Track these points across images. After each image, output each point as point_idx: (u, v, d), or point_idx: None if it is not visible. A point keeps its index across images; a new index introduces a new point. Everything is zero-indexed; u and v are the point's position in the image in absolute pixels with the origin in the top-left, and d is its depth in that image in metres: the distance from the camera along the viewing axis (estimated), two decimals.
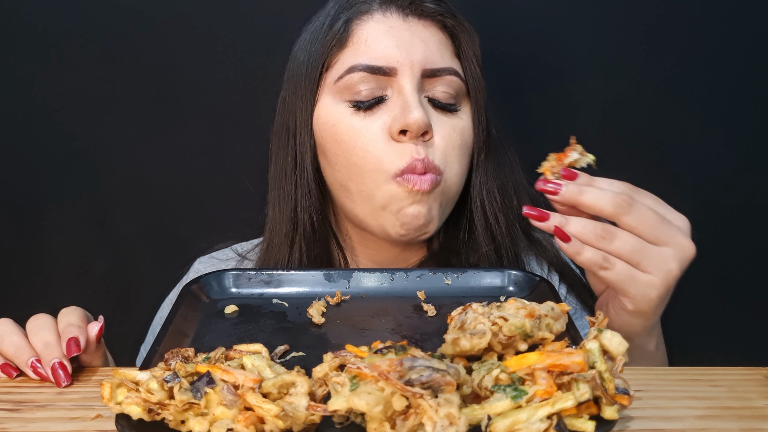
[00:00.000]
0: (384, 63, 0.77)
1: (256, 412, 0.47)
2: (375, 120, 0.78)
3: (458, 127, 0.80)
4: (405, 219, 0.78)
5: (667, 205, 0.66)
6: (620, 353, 0.51)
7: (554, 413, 0.46)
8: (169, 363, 0.53)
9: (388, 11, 0.80)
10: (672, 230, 0.64)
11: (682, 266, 0.64)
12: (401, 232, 0.79)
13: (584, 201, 0.63)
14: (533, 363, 0.49)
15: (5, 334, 0.61)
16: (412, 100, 0.76)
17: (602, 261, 0.63)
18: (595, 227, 0.63)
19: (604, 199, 0.63)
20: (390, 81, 0.78)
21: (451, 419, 0.43)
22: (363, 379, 0.45)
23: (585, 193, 0.63)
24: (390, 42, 0.78)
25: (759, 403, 0.57)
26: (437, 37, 0.80)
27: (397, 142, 0.77)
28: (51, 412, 0.55)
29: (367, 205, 0.79)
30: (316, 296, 0.70)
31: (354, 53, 0.78)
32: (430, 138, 0.78)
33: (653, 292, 0.64)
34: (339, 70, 0.79)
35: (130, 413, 0.48)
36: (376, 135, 0.77)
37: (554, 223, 0.64)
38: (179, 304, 0.66)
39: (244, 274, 0.72)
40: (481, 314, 0.54)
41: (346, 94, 0.78)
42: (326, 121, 0.80)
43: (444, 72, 0.79)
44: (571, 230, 0.63)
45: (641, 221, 0.63)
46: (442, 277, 0.72)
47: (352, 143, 0.78)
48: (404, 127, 0.75)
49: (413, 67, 0.77)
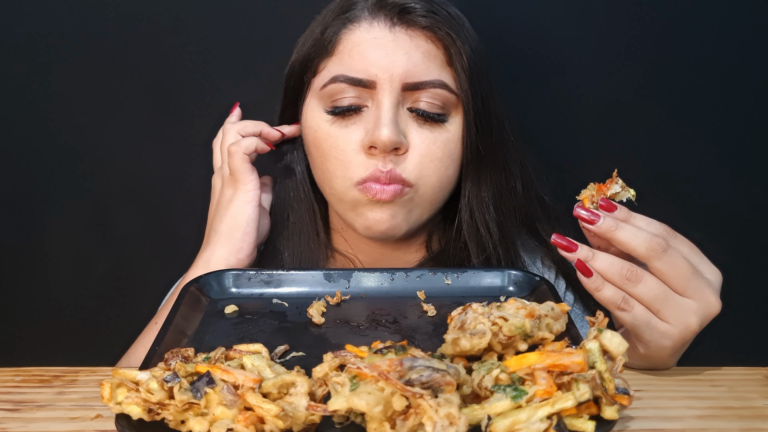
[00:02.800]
0: (364, 75, 0.78)
1: (256, 412, 0.47)
2: (351, 132, 0.79)
3: (440, 139, 0.80)
4: (368, 223, 0.80)
5: (703, 256, 0.64)
6: (620, 353, 0.51)
7: (554, 413, 0.46)
8: (169, 363, 0.53)
9: (375, 21, 0.79)
10: (702, 284, 0.62)
11: (703, 322, 0.62)
12: (367, 233, 0.82)
13: (618, 237, 0.62)
14: (533, 363, 0.49)
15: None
16: (385, 117, 0.77)
17: (621, 302, 0.62)
18: (622, 267, 0.61)
19: (639, 239, 0.61)
20: (370, 93, 0.79)
21: (451, 419, 0.43)
22: (363, 379, 0.45)
23: (621, 229, 0.62)
24: (372, 54, 0.78)
25: (759, 403, 0.57)
26: (423, 48, 0.79)
27: (368, 155, 0.78)
28: (51, 412, 0.55)
29: (340, 206, 0.83)
30: (316, 296, 0.70)
31: (339, 63, 0.79)
32: (404, 152, 0.78)
33: (668, 342, 0.62)
34: (324, 78, 0.80)
35: (130, 413, 0.48)
36: (349, 146, 0.79)
37: (579, 256, 0.62)
38: (179, 304, 0.66)
39: (243, 274, 0.72)
40: (481, 314, 0.54)
41: (328, 102, 0.80)
42: (310, 126, 0.83)
43: (428, 85, 0.78)
44: (596, 266, 0.62)
45: (672, 269, 0.61)
46: (442, 277, 0.72)
47: (328, 150, 0.80)
48: (372, 143, 0.77)
49: (392, 81, 0.77)
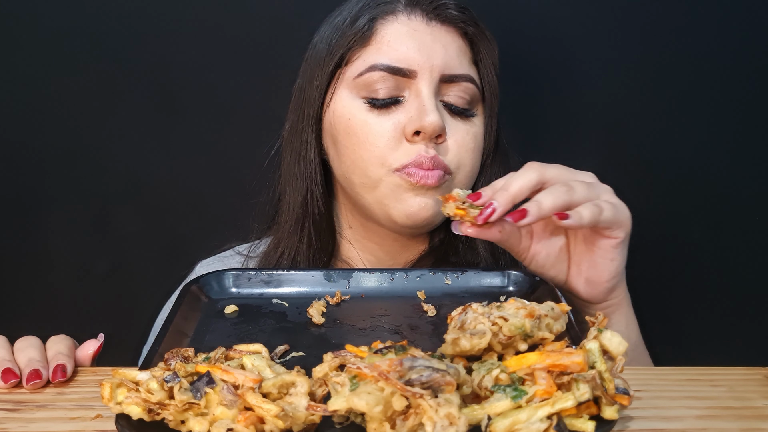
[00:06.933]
0: (405, 65, 0.78)
1: (256, 412, 0.47)
2: (389, 119, 0.79)
3: (471, 132, 0.82)
4: (410, 210, 0.79)
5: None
6: (620, 353, 0.51)
7: (554, 413, 0.46)
8: (169, 363, 0.53)
9: (412, 14, 0.81)
10: (569, 168, 0.68)
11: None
12: (407, 222, 0.80)
13: (515, 191, 0.64)
14: (533, 363, 0.49)
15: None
16: (429, 104, 0.77)
17: (596, 208, 0.64)
18: (557, 188, 0.64)
19: (525, 176, 0.65)
20: (408, 83, 0.79)
21: (451, 419, 0.43)
22: (363, 379, 0.45)
23: (509, 187, 0.64)
24: (412, 44, 0.79)
25: (759, 403, 0.57)
26: (457, 43, 0.82)
27: (410, 143, 0.78)
28: (51, 412, 0.55)
29: (373, 195, 0.81)
30: (316, 296, 0.70)
31: (376, 52, 0.80)
32: (443, 141, 0.79)
33: (625, 210, 0.67)
34: (359, 67, 0.80)
35: (130, 413, 0.48)
36: (387, 132, 0.79)
37: (534, 210, 0.63)
38: (179, 304, 0.66)
39: (243, 274, 0.72)
40: (481, 314, 0.54)
41: (364, 91, 0.80)
42: (341, 114, 0.81)
43: (461, 78, 0.80)
44: (548, 203, 0.63)
45: (557, 168, 0.66)
46: (442, 277, 0.72)
47: (364, 137, 0.79)
48: (419, 128, 0.77)
49: (432, 71, 0.79)
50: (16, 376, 0.58)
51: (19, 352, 0.60)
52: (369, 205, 0.82)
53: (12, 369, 0.58)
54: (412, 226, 0.81)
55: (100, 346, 0.64)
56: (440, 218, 0.81)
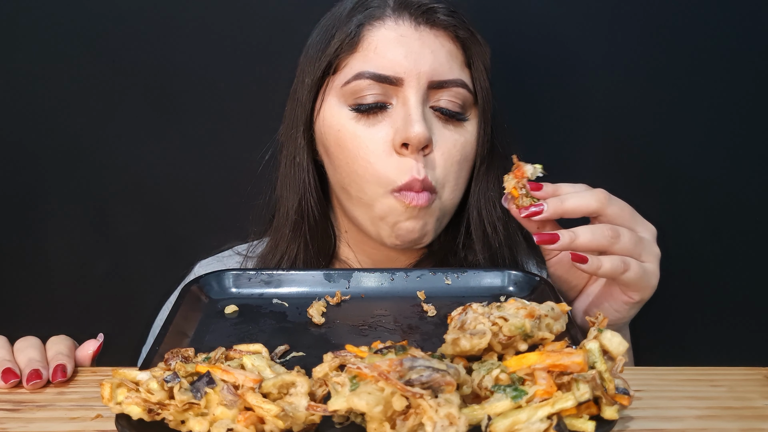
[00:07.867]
0: (391, 72, 0.77)
1: (256, 412, 0.47)
2: (378, 131, 0.78)
3: (459, 142, 0.80)
4: (400, 232, 0.79)
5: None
6: (620, 353, 0.51)
7: (554, 413, 0.46)
8: (169, 363, 0.53)
9: (400, 19, 0.79)
10: (635, 212, 0.65)
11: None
12: (396, 242, 0.80)
13: (569, 207, 0.64)
14: (533, 363, 0.49)
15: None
16: (415, 113, 0.76)
17: (622, 265, 0.63)
18: (603, 229, 0.63)
19: (585, 198, 0.64)
20: (396, 90, 0.78)
21: (451, 419, 0.43)
22: (363, 379, 0.45)
23: (566, 200, 0.64)
24: (399, 51, 0.78)
25: (759, 403, 0.57)
26: (447, 47, 0.80)
27: (399, 155, 0.77)
28: (51, 412, 0.55)
29: (366, 212, 0.81)
30: (316, 296, 0.70)
31: (363, 59, 0.79)
32: (430, 152, 0.78)
33: (654, 279, 0.65)
34: (347, 75, 0.79)
35: (130, 413, 0.48)
36: (378, 147, 0.78)
37: (564, 242, 0.63)
38: (179, 304, 0.66)
39: (243, 274, 0.72)
40: (481, 314, 0.54)
41: (351, 98, 0.79)
42: (330, 125, 0.81)
43: (451, 84, 0.79)
44: (584, 240, 0.63)
45: (622, 208, 0.64)
46: (442, 277, 0.72)
47: (356, 152, 0.78)
48: (405, 140, 0.76)
49: (420, 78, 0.77)
50: (16, 376, 0.58)
51: (19, 353, 0.60)
52: (362, 220, 0.82)
53: (12, 369, 0.58)
54: (400, 245, 0.81)
55: (99, 346, 0.64)
56: (428, 239, 0.81)
